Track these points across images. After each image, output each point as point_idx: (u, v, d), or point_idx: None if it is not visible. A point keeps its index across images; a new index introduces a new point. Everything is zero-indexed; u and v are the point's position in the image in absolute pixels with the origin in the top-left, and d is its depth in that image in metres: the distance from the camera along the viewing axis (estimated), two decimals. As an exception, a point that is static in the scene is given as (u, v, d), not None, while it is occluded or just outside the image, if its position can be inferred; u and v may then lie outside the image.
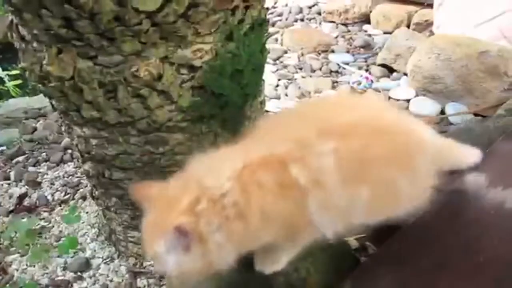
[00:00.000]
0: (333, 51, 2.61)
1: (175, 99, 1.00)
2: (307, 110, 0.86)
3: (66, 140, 1.93)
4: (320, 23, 3.01)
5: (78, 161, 1.26)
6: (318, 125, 0.69)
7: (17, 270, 1.27)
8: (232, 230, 0.62)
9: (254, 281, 0.88)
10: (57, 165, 1.82)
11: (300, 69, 2.45)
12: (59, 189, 1.67)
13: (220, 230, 0.61)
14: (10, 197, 1.66)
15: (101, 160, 1.14)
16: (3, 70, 3.60)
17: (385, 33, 2.74)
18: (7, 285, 1.21)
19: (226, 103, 1.09)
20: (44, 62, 0.96)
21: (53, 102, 1.10)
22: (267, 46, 1.17)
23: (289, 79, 2.34)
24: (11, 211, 1.57)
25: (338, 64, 2.45)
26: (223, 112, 1.10)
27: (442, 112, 1.90)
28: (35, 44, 0.97)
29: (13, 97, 3.12)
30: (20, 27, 0.99)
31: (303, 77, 2.36)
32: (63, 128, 1.21)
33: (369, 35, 2.78)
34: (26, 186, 1.70)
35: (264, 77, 1.23)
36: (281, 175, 0.65)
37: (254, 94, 1.22)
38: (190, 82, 0.99)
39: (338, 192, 0.66)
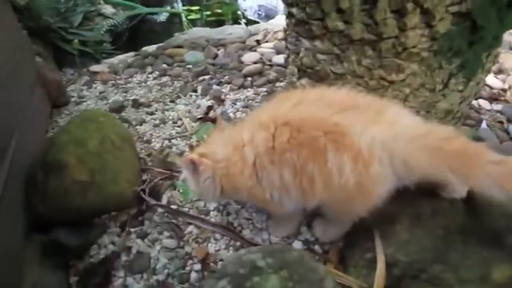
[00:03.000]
0: (536, 34, 2.25)
1: (434, 22, 0.93)
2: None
3: (246, 69, 2.05)
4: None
5: (291, 76, 1.30)
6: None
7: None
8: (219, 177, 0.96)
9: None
10: (238, 88, 1.94)
11: (496, 45, 2.17)
12: (239, 109, 1.78)
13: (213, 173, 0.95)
14: (198, 107, 1.83)
15: (322, 78, 1.15)
16: (183, 5, 4.01)
17: None
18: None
19: (478, 40, 0.99)
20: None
21: (293, 10, 1.13)
22: None
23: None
24: (199, 119, 1.74)
25: (543, 48, 2.10)
26: (469, 50, 1.01)
27: None
28: None
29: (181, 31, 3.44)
30: None
31: (501, 52, 2.08)
32: (288, 40, 1.25)
33: None
34: (212, 101, 1.86)
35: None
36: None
37: (498, 43, 1.09)
38: (458, 6, 0.92)
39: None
